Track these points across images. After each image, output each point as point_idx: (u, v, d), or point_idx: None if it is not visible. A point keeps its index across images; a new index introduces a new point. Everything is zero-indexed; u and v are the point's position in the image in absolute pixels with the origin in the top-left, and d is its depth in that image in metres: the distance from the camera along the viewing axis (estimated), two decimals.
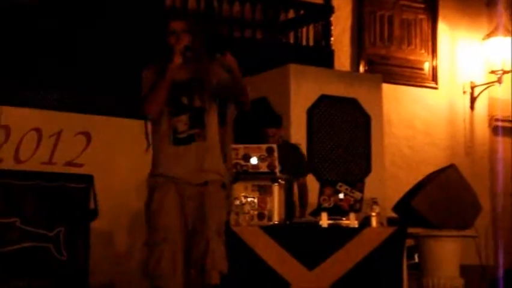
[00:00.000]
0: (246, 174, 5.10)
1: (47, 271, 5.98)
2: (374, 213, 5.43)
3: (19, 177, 6.07)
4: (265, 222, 5.09)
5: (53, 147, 7.19)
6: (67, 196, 6.14)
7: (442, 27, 9.92)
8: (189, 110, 4.29)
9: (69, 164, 7.18)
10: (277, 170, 5.12)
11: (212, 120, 4.36)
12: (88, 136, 7.32)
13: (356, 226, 5.36)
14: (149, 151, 4.44)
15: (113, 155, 7.16)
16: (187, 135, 4.28)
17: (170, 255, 4.21)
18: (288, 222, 5.28)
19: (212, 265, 4.20)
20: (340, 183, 5.40)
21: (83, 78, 7.28)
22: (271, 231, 5.05)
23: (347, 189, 5.37)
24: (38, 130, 7.16)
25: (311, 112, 7.19)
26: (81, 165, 7.18)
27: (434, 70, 9.84)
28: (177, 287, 4.21)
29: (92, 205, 6.22)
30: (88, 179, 6.27)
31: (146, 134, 4.43)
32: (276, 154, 5.11)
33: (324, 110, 7.28)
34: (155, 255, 4.22)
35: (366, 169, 7.38)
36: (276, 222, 5.11)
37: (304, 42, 8.76)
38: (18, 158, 7.07)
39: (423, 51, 9.83)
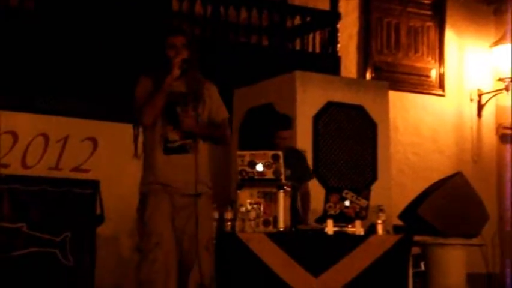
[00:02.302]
0: (252, 181, 5.10)
1: (53, 276, 5.98)
2: (379, 221, 5.42)
3: (26, 182, 6.08)
4: (270, 229, 5.08)
5: (59, 153, 7.22)
6: (74, 201, 6.14)
7: (449, 35, 9.92)
8: (182, 120, 4.39)
9: (75, 169, 7.21)
10: (282, 177, 5.11)
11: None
12: (94, 142, 7.34)
13: (362, 233, 5.35)
14: (139, 156, 4.52)
15: (119, 160, 7.17)
16: (178, 145, 4.39)
17: (164, 260, 4.30)
18: (293, 229, 5.28)
19: (198, 278, 4.33)
20: (346, 190, 5.39)
21: (90, 84, 7.31)
22: (276, 238, 5.05)
23: (352, 196, 5.36)
24: (45, 136, 7.18)
25: (317, 119, 7.18)
26: (87, 171, 7.20)
27: (441, 77, 9.83)
28: None
29: (98, 210, 6.23)
30: (94, 185, 6.28)
31: (135, 138, 4.52)
32: (281, 161, 5.10)
33: (331, 117, 7.27)
34: (148, 261, 4.29)
35: (373, 176, 7.36)
36: (282, 229, 5.10)
37: (310, 49, 8.76)
38: (25, 163, 7.09)
39: (430, 58, 9.83)
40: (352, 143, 7.33)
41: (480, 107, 9.98)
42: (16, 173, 6.68)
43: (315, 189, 6.29)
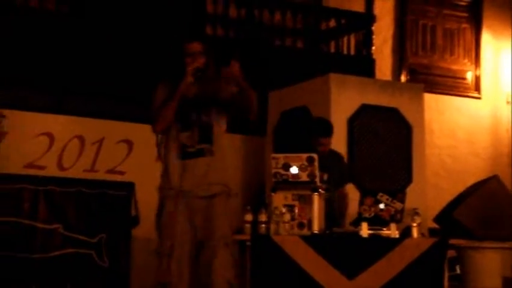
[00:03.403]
0: (286, 184, 5.09)
1: (89, 277, 6.04)
2: (415, 224, 5.37)
3: (62, 184, 6.15)
4: (305, 231, 5.08)
5: (95, 155, 7.28)
6: (109, 203, 6.20)
7: (486, 37, 9.83)
8: (197, 126, 4.43)
9: (111, 171, 7.26)
10: (317, 180, 5.10)
11: (220, 134, 4.50)
12: (129, 144, 7.39)
13: (397, 236, 5.31)
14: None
15: (154, 163, 7.18)
16: (195, 150, 4.43)
17: (178, 262, 4.36)
18: (328, 232, 5.26)
19: (219, 275, 4.34)
20: (381, 193, 5.36)
21: (125, 87, 7.36)
22: (311, 240, 5.04)
23: (387, 199, 5.33)
24: (80, 138, 7.25)
25: (352, 121, 7.15)
26: (123, 173, 7.25)
27: (477, 80, 9.75)
28: None
29: (133, 212, 6.27)
30: (129, 187, 6.33)
31: (157, 144, 4.55)
32: (316, 163, 5.09)
33: (365, 120, 7.23)
34: (164, 264, 4.38)
35: (408, 179, 7.31)
36: (316, 232, 5.09)
37: (345, 51, 8.75)
38: (61, 165, 7.16)
39: (466, 60, 9.75)
40: (387, 146, 7.29)
41: None
42: (52, 175, 6.75)
43: (350, 192, 6.27)
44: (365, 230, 5.25)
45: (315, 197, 5.07)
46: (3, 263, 5.81)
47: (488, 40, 9.85)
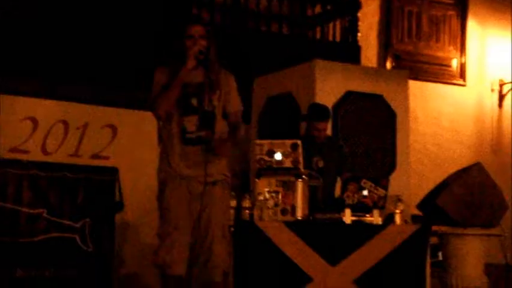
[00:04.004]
0: (270, 170, 5.10)
1: (73, 262, 6.04)
2: (398, 211, 5.41)
3: (46, 168, 6.13)
4: (288, 217, 5.09)
5: (79, 140, 7.27)
6: (93, 188, 6.19)
7: (471, 24, 9.85)
8: (198, 112, 4.40)
9: (95, 156, 7.26)
10: (301, 166, 5.11)
11: (219, 121, 4.47)
12: (114, 129, 7.38)
13: (380, 223, 5.34)
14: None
15: (138, 148, 7.21)
16: (195, 136, 4.39)
17: (178, 243, 4.35)
18: (311, 218, 5.28)
19: (215, 263, 4.38)
20: (364, 180, 5.38)
21: (109, 71, 7.34)
22: (294, 226, 5.05)
23: (371, 185, 5.35)
24: (64, 122, 7.23)
25: (337, 108, 7.16)
26: (107, 158, 7.25)
27: (463, 67, 9.78)
28: (183, 271, 4.36)
29: (117, 197, 6.27)
30: (114, 172, 6.32)
31: (159, 129, 4.52)
32: (300, 150, 5.10)
33: (350, 107, 7.25)
34: (166, 244, 4.35)
35: (391, 166, 7.34)
36: (300, 218, 5.11)
37: (330, 38, 8.74)
38: (45, 149, 7.15)
39: (451, 47, 9.77)
40: (371, 133, 7.31)
41: (501, 97, 9.92)
42: (36, 159, 6.73)
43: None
44: (348, 217, 5.27)
45: (299, 184, 5.09)
46: None
47: (474, 27, 9.87)
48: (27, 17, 7.15)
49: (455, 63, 9.79)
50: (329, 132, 6.37)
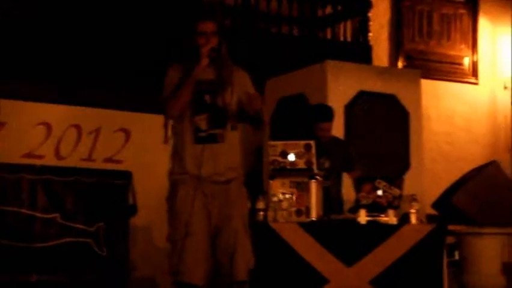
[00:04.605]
0: (284, 171, 5.09)
1: (87, 266, 6.04)
2: (413, 210, 5.38)
3: (60, 173, 6.14)
4: (303, 218, 5.08)
5: (92, 144, 7.27)
6: (106, 192, 6.19)
7: (483, 22, 9.81)
8: (211, 109, 4.32)
9: (108, 160, 7.26)
10: (314, 167, 5.09)
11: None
12: (127, 133, 7.38)
13: (395, 223, 5.32)
14: (168, 143, 4.47)
15: (151, 151, 7.20)
16: (208, 135, 4.31)
17: (193, 250, 4.22)
18: (326, 219, 5.27)
19: (241, 260, 4.24)
20: (378, 180, 5.37)
21: (121, 75, 7.34)
22: (309, 227, 5.04)
23: (385, 185, 5.33)
24: (77, 127, 7.24)
25: (349, 108, 7.15)
26: (120, 162, 7.25)
27: (475, 65, 9.74)
28: (200, 281, 4.23)
29: (131, 201, 6.27)
30: (127, 176, 6.32)
31: (165, 126, 4.45)
32: (313, 151, 5.09)
33: (362, 106, 7.23)
34: (177, 251, 4.23)
35: (405, 165, 7.31)
36: (314, 219, 5.09)
37: (341, 38, 8.73)
38: (58, 154, 7.16)
39: (463, 46, 9.73)
40: (384, 132, 7.29)
41: None
42: (50, 164, 6.74)
43: (348, 179, 6.26)
44: (363, 217, 5.25)
45: (313, 184, 5.08)
46: (3, 253, 5.81)
47: (485, 25, 9.83)
48: (40, 23, 7.17)
49: (467, 62, 9.75)
50: (340, 132, 6.35)
